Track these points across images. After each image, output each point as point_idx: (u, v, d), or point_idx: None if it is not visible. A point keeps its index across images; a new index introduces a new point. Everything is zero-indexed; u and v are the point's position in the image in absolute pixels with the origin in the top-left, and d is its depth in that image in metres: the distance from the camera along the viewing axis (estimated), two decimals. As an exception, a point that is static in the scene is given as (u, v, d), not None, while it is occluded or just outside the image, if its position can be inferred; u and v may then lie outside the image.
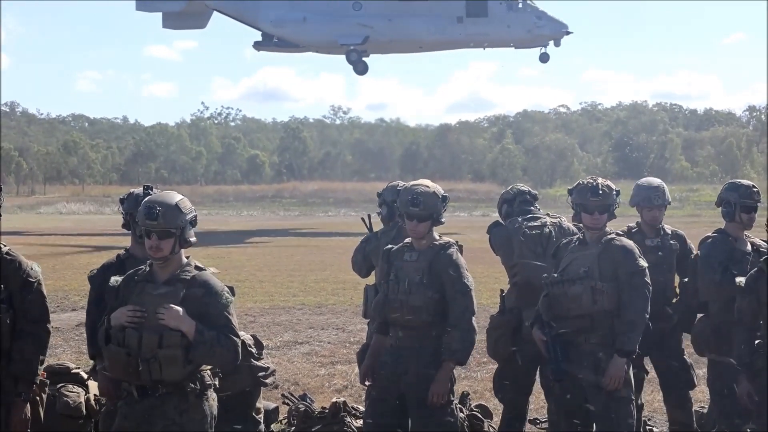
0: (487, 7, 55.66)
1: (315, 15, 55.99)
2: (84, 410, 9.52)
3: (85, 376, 9.94)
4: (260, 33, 58.25)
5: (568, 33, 57.17)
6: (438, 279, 8.11)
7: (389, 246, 8.55)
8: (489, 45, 58.38)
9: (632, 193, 10.01)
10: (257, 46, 58.99)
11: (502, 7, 55.66)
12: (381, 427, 8.32)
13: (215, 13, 59.33)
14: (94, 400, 9.64)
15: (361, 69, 58.27)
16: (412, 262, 8.20)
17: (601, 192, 8.24)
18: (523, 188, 10.15)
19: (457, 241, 8.99)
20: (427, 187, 8.22)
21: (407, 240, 8.39)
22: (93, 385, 9.62)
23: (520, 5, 55.92)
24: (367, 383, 8.47)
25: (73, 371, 10.03)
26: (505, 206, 10.07)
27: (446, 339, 8.08)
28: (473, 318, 8.15)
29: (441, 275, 8.11)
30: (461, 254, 8.48)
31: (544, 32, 56.12)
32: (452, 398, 8.22)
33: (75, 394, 9.30)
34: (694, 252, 10.04)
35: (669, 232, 10.13)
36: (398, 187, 9.62)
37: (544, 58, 57.84)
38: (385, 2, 55.41)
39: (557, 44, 57.22)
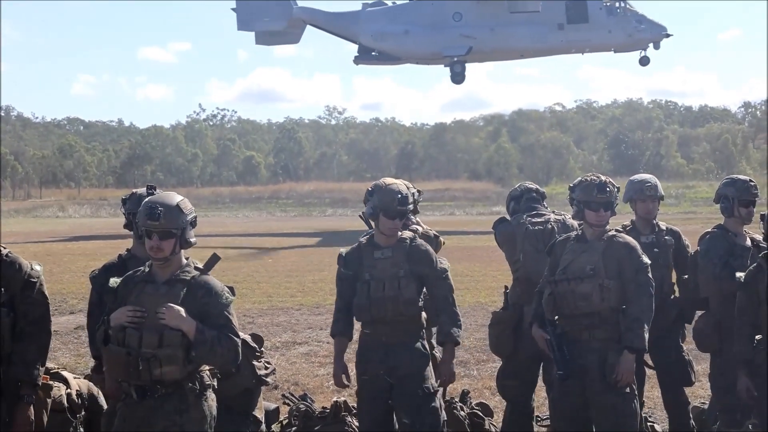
0: (587, 12, 55.26)
1: (416, 27, 55.52)
2: (66, 403, 9.48)
3: (68, 375, 9.91)
4: (357, 47, 57.58)
5: (667, 36, 56.62)
6: (418, 269, 8.38)
7: (347, 249, 8.67)
8: (590, 50, 57.98)
9: (625, 189, 10.02)
10: (356, 60, 58.16)
11: (602, 13, 55.27)
12: (378, 425, 8.44)
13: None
14: (77, 395, 9.62)
15: (460, 79, 57.97)
16: (386, 259, 8.38)
17: (608, 189, 8.27)
18: (530, 186, 10.19)
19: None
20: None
21: (363, 239, 8.60)
22: (75, 382, 9.61)
23: (620, 10, 55.54)
24: (346, 384, 8.71)
25: (53, 371, 10.00)
26: (512, 203, 10.13)
27: (440, 324, 8.52)
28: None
29: (419, 265, 8.39)
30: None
31: (645, 36, 55.66)
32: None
33: (55, 389, 9.28)
34: (690, 248, 10.09)
35: (664, 228, 10.15)
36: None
37: (644, 61, 57.19)
38: (487, 12, 55.08)
39: (656, 47, 56.66)
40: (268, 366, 9.72)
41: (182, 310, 6.60)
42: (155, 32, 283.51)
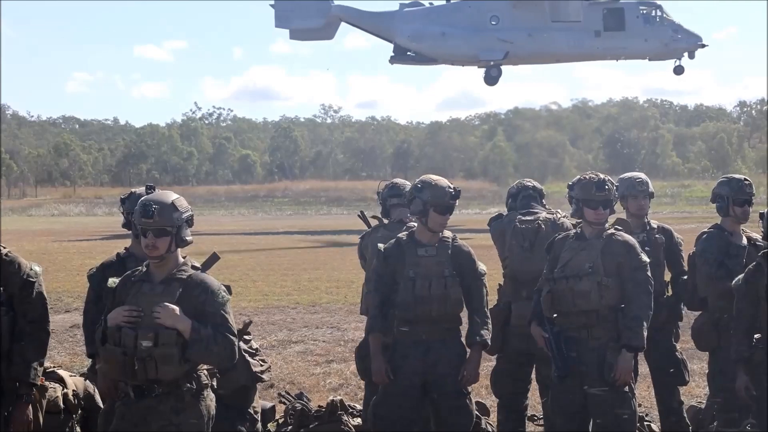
0: (624, 20, 55.17)
1: (453, 29, 55.31)
2: (62, 404, 9.47)
3: (64, 374, 9.90)
4: (392, 46, 57.42)
5: (702, 46, 56.54)
6: (459, 270, 8.42)
7: (386, 245, 8.53)
8: (625, 58, 57.79)
9: (616, 187, 10.03)
10: (392, 59, 58.04)
11: (639, 21, 55.17)
12: (401, 421, 8.34)
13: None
14: (73, 395, 9.60)
15: (493, 82, 57.89)
16: (431, 257, 8.35)
17: (606, 187, 8.27)
18: (527, 183, 10.21)
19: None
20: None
21: (403, 235, 8.52)
22: (71, 381, 9.59)
23: (657, 19, 55.42)
24: (390, 377, 8.38)
25: (48, 370, 9.99)
26: (510, 200, 10.15)
27: (472, 325, 8.49)
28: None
29: (463, 266, 8.44)
30: None
31: (680, 45, 55.53)
32: None
33: (51, 389, 9.26)
34: (683, 245, 10.13)
35: (655, 226, 10.17)
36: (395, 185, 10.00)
37: (678, 70, 57.06)
38: (524, 16, 54.89)
39: (691, 57, 56.55)
40: (263, 363, 9.72)
41: (177, 309, 6.58)
42: (150, 30, 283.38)
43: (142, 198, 6.83)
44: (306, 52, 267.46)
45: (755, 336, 8.25)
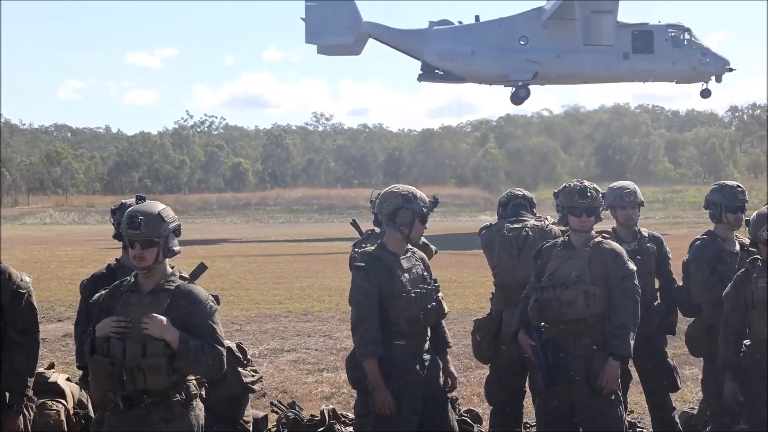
0: (653, 43, 54.96)
1: (483, 49, 55.02)
2: (65, 426, 9.47)
3: (64, 385, 9.88)
4: (420, 64, 57.22)
5: (730, 70, 56.21)
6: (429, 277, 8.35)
7: (364, 261, 8.19)
8: (653, 80, 57.51)
9: (605, 196, 10.03)
10: (420, 78, 57.79)
11: (668, 44, 54.87)
12: None
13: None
14: (74, 413, 9.59)
15: (520, 102, 57.88)
16: (415, 267, 8.20)
17: (589, 194, 8.23)
18: (517, 192, 10.18)
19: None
20: None
21: (374, 249, 8.20)
22: (69, 391, 9.57)
23: (686, 42, 55.16)
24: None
25: (50, 380, 9.96)
26: (500, 209, 10.12)
27: (443, 332, 8.47)
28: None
29: (430, 273, 8.35)
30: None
31: (708, 69, 55.26)
32: None
33: (55, 412, 9.25)
34: (671, 255, 10.15)
35: (646, 235, 10.19)
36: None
37: (705, 94, 56.66)
38: (553, 37, 54.71)
39: (719, 80, 56.26)
40: (254, 374, 9.70)
41: (165, 320, 6.57)
42: (142, 38, 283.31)
43: (129, 209, 6.82)
44: (297, 60, 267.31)
45: (744, 342, 8.26)
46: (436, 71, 56.90)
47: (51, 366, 10.45)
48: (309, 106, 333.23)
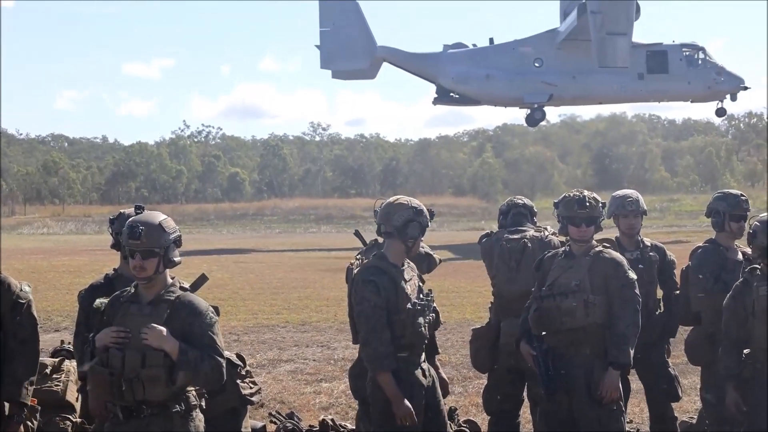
0: (668, 63, 54.83)
1: (498, 71, 54.88)
2: None
3: (73, 399, 9.90)
4: (435, 87, 56.97)
5: (745, 88, 56.32)
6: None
7: (370, 274, 8.01)
8: (668, 100, 57.68)
9: (608, 205, 10.03)
10: (435, 101, 57.67)
11: (682, 64, 54.75)
12: None
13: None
14: (81, 424, 9.61)
15: (536, 124, 57.99)
16: (414, 279, 8.16)
17: (588, 204, 8.24)
18: (518, 201, 10.17)
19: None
20: None
21: (376, 261, 8.10)
22: (78, 405, 9.58)
23: (700, 61, 55.02)
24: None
25: (60, 396, 10.00)
26: (501, 218, 10.12)
27: (431, 341, 8.34)
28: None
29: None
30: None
31: (723, 88, 55.21)
32: None
33: (63, 430, 9.29)
34: (675, 265, 10.13)
35: (648, 244, 10.18)
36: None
37: (720, 112, 57.00)
38: (568, 59, 54.57)
39: (734, 99, 56.34)
40: (253, 386, 9.70)
41: (165, 330, 6.57)
42: (139, 48, 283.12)
43: (130, 219, 6.81)
44: (294, 70, 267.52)
45: (744, 351, 8.26)
46: (451, 94, 56.89)
47: (61, 361, 10.40)
48: (306, 116, 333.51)
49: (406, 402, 7.77)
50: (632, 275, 8.21)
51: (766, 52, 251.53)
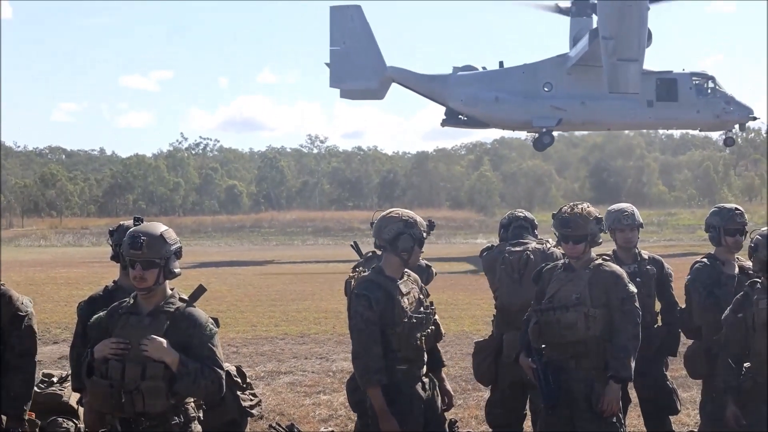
0: (677, 91, 54.70)
1: (507, 95, 54.82)
2: None
3: (76, 404, 9.90)
4: (444, 109, 56.83)
5: (754, 118, 56.37)
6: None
7: (364, 288, 7.97)
8: (676, 128, 57.76)
9: (604, 219, 10.04)
10: (444, 122, 57.53)
11: (692, 92, 54.63)
12: None
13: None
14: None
15: (544, 148, 57.98)
16: (414, 292, 8.08)
17: (571, 225, 8.22)
18: (519, 214, 10.19)
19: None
20: None
21: (372, 275, 8.06)
22: (81, 411, 9.58)
23: (710, 90, 54.90)
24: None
25: (63, 399, 10.00)
26: (501, 231, 10.13)
27: (434, 353, 8.32)
28: None
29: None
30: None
31: (732, 117, 55.08)
32: None
33: (65, 430, 9.27)
34: (673, 277, 10.16)
35: (646, 257, 10.20)
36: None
37: (729, 142, 57.07)
38: (577, 84, 54.54)
39: (742, 129, 56.71)
40: (253, 398, 9.70)
41: (165, 342, 6.57)
42: (136, 60, 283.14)
43: (131, 229, 6.81)
44: (292, 82, 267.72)
45: (745, 365, 8.27)
46: (460, 117, 56.83)
47: (63, 379, 10.42)
48: (304, 129, 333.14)
49: (392, 420, 7.70)
50: (632, 288, 8.20)
51: (766, 68, 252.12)
